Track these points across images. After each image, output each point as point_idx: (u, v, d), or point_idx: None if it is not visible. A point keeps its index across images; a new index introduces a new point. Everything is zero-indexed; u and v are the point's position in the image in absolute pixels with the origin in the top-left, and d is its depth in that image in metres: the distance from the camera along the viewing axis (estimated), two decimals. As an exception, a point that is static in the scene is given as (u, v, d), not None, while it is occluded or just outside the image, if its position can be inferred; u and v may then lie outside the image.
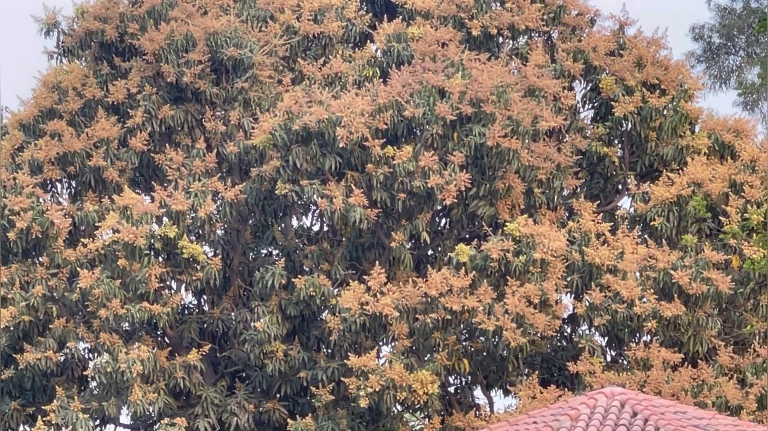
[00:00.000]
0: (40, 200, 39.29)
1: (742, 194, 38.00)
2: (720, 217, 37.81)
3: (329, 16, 41.38)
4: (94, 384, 38.87)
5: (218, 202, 39.03)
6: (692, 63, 45.19)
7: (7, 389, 39.46)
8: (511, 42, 42.17)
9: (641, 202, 39.20)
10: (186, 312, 40.23)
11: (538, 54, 40.62)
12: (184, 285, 39.21)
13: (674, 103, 40.09)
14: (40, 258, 39.27)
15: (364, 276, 37.86)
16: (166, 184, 39.32)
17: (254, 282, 38.82)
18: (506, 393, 39.45)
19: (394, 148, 37.75)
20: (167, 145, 40.36)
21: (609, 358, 38.84)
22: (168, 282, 38.90)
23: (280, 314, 38.26)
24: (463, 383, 40.18)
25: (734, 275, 37.05)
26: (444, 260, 38.48)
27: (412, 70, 38.82)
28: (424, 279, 36.84)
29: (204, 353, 38.59)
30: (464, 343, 38.15)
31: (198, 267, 38.42)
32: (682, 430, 26.63)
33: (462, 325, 37.32)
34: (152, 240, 37.90)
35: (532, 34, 42.11)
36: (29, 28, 40.11)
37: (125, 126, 40.23)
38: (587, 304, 37.19)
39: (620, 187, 41.59)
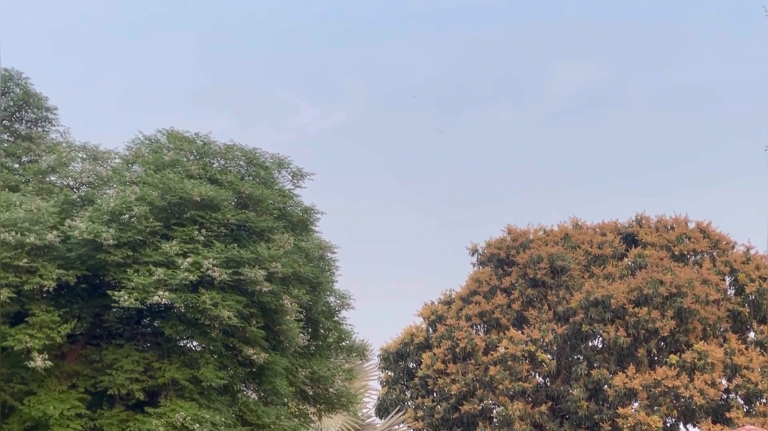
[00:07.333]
0: (470, 332, 41.33)
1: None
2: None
3: (605, 246, 42.55)
4: (495, 421, 40.28)
5: (554, 335, 40.49)
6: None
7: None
8: (694, 256, 42.72)
9: (759, 335, 40.60)
10: (539, 386, 41.04)
11: (706, 263, 41.86)
12: (537, 373, 40.89)
13: (776, 286, 40.63)
14: (470, 361, 41.04)
15: (624, 370, 39.62)
16: (530, 326, 41.03)
17: (571, 372, 40.52)
18: (694, 425, 39.24)
19: (639, 308, 39.67)
20: (530, 307, 41.93)
21: (746, 410, 39.29)
22: (531, 372, 40.49)
23: (584, 388, 39.89)
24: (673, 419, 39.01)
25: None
26: (663, 362, 39.67)
27: (646, 271, 40.60)
28: (654, 371, 39.02)
29: (548, 406, 40.14)
30: (674, 401, 38.75)
31: (544, 365, 40.27)
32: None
33: (673, 394, 38.61)
34: (523, 352, 40.13)
35: (704, 254, 42.77)
36: (463, 254, 46.75)
37: (510, 298, 42.00)
38: (734, 384, 39.09)
39: (749, 326, 41.77)
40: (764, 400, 39.27)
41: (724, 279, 41.85)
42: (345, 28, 68.81)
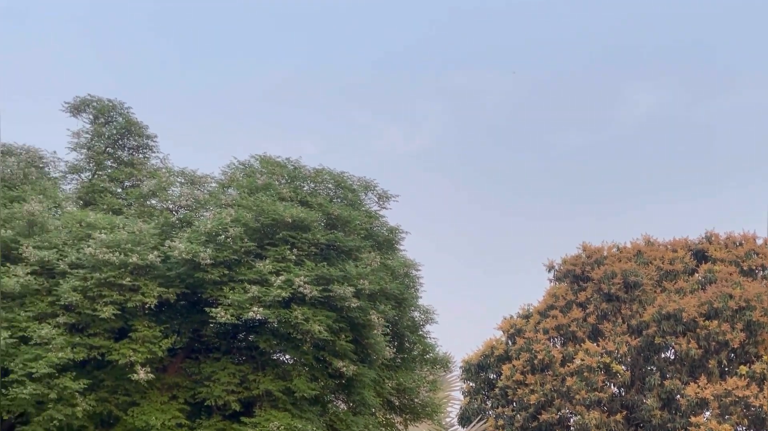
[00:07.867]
0: (548, 345, 40.73)
1: None
2: None
3: (677, 262, 42.19)
4: (573, 429, 39.47)
5: (628, 347, 39.73)
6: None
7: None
8: (762, 271, 42.14)
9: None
10: (614, 396, 40.07)
11: (775, 278, 41.17)
12: (612, 384, 39.96)
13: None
14: (548, 372, 40.23)
15: (696, 381, 38.88)
16: (604, 338, 40.46)
17: (645, 383, 39.88)
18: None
19: (710, 321, 39.27)
20: (604, 320, 41.19)
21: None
22: (606, 382, 39.76)
23: (658, 398, 39.31)
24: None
25: None
26: (734, 373, 39.41)
27: (716, 286, 40.37)
28: (725, 382, 38.74)
29: (622, 415, 38.98)
30: (744, 411, 37.98)
31: (619, 376, 39.53)
32: None
33: (743, 403, 37.89)
34: (599, 364, 39.36)
35: (774, 270, 41.67)
36: (539, 271, 46.91)
37: (585, 312, 41.36)
38: (801, 390, 38.74)
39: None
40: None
41: (792, 293, 41.02)
42: (426, 56, 70.86)
